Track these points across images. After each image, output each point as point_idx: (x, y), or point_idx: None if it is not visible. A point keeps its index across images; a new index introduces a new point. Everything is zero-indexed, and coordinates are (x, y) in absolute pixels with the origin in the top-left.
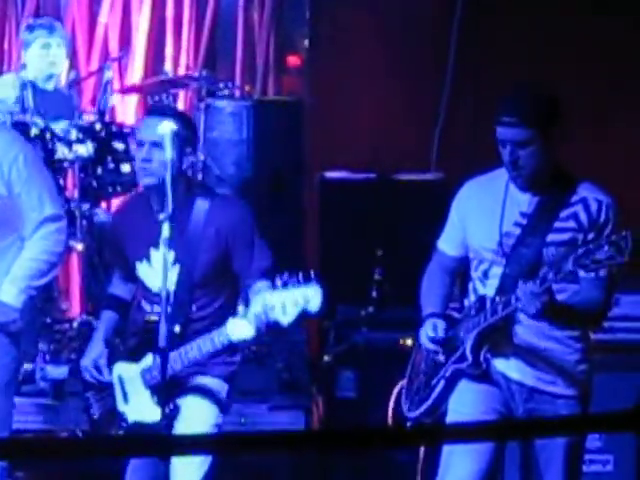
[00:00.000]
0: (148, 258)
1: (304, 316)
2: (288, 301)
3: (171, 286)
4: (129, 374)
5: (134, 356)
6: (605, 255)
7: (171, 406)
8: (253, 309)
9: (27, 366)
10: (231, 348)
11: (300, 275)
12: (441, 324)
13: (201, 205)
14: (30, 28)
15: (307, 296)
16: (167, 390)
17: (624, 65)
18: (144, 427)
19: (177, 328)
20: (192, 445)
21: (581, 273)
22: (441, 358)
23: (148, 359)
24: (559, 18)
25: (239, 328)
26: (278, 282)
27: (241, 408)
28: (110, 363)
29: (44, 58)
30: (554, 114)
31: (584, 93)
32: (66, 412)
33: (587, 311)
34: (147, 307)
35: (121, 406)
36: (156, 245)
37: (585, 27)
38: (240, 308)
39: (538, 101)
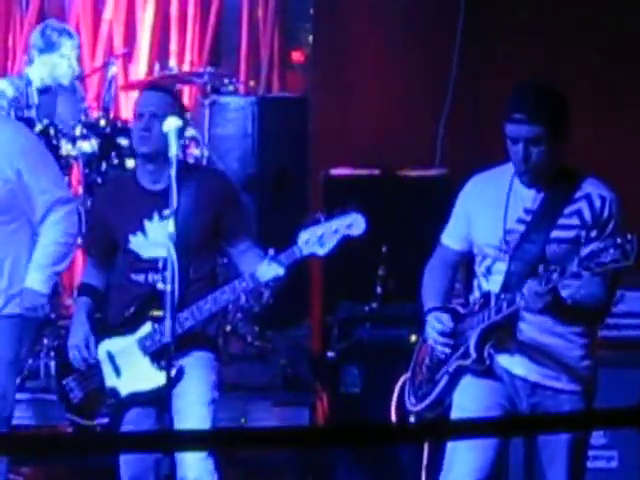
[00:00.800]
0: (143, 229)
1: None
2: (327, 232)
3: (174, 259)
4: (120, 347)
5: (126, 330)
6: (610, 258)
7: (177, 367)
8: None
9: (31, 362)
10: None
11: (337, 210)
12: (445, 316)
13: (192, 174)
14: (54, 33)
15: (348, 223)
16: (170, 353)
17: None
18: (141, 396)
19: (177, 296)
20: (195, 441)
21: (585, 274)
22: (448, 350)
23: (147, 327)
24: (561, 16)
25: (269, 270)
26: (311, 220)
27: (245, 404)
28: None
29: (60, 68)
30: (566, 111)
31: (585, 90)
32: None
33: (589, 307)
34: (140, 278)
35: (111, 381)
36: (149, 217)
37: (586, 24)
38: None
39: (550, 98)
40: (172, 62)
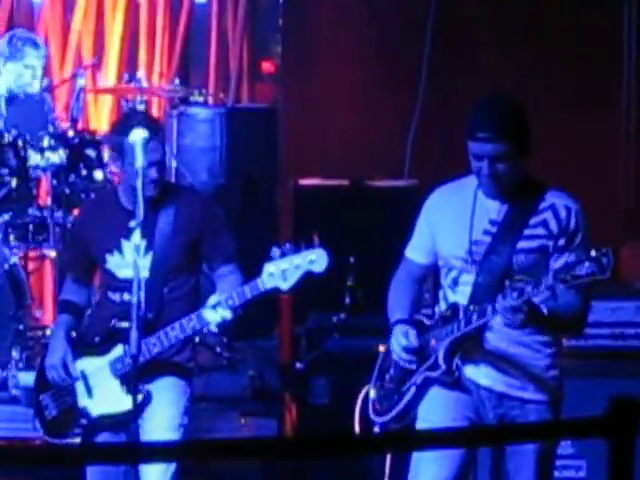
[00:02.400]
0: (119, 249)
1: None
2: (290, 267)
3: (144, 273)
4: (94, 367)
5: (100, 350)
6: (586, 271)
7: (144, 392)
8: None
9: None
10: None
11: (302, 244)
12: (412, 332)
13: (173, 194)
14: (18, 42)
15: (310, 259)
16: (138, 377)
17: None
18: (111, 418)
19: (150, 315)
20: (162, 452)
21: (560, 288)
22: (413, 367)
23: (118, 349)
24: (531, 28)
25: (216, 314)
26: (276, 252)
27: (213, 415)
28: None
29: (24, 78)
30: (527, 124)
31: (554, 97)
32: None
33: (567, 316)
34: (116, 297)
35: (83, 401)
36: (127, 236)
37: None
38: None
39: (513, 114)
40: (141, 73)
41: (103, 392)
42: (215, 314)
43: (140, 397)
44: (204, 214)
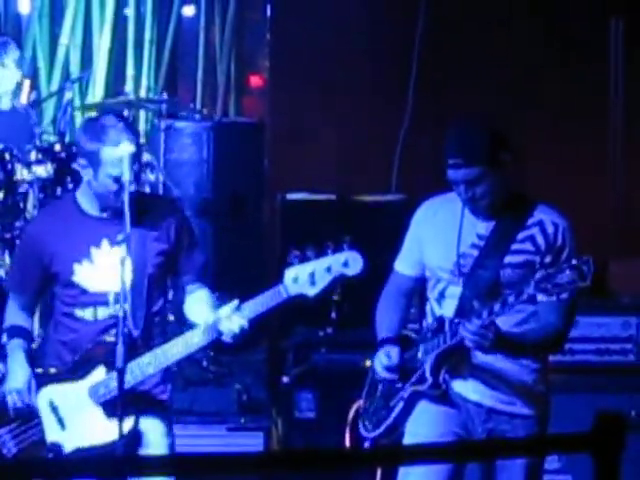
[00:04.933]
0: (89, 257)
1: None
2: (318, 270)
3: (127, 284)
4: (66, 395)
5: (74, 375)
6: (567, 279)
7: (131, 424)
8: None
9: None
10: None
11: (329, 247)
12: (394, 351)
13: (148, 204)
14: None
15: (343, 261)
16: (126, 405)
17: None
18: (89, 452)
19: (135, 332)
20: (150, 467)
21: (541, 297)
22: (398, 385)
23: (98, 373)
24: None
25: (233, 323)
26: (296, 257)
27: (200, 429)
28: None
29: (4, 78)
30: (499, 144)
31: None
32: None
33: (544, 337)
34: (86, 314)
35: (54, 435)
36: (96, 243)
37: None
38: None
39: (479, 137)
40: (129, 87)
41: (80, 422)
42: (232, 325)
43: (130, 423)
44: (180, 226)
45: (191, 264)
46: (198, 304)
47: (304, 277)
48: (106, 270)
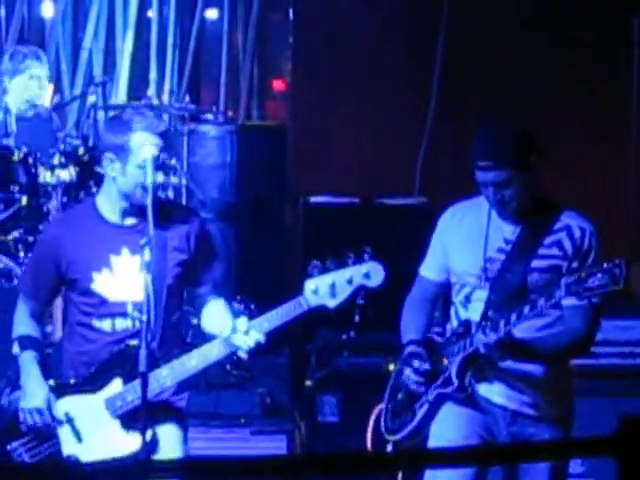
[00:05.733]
0: (109, 265)
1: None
2: (339, 282)
3: (149, 287)
4: (83, 408)
5: (91, 387)
6: (598, 282)
7: (151, 433)
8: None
9: None
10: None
11: (349, 257)
12: (424, 354)
13: (168, 213)
14: (19, 56)
15: (364, 272)
16: (146, 416)
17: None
18: (107, 465)
19: (153, 344)
20: (170, 471)
21: (571, 301)
22: (421, 388)
23: (115, 385)
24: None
25: (249, 338)
26: (316, 268)
27: (223, 432)
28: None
29: (31, 90)
30: (528, 147)
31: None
32: None
33: (569, 342)
34: (104, 325)
35: (70, 448)
36: (116, 251)
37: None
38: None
39: (510, 139)
40: (151, 90)
41: (97, 435)
42: (248, 339)
43: (149, 435)
44: (201, 237)
45: (209, 275)
46: (215, 315)
47: (324, 288)
48: (125, 279)
